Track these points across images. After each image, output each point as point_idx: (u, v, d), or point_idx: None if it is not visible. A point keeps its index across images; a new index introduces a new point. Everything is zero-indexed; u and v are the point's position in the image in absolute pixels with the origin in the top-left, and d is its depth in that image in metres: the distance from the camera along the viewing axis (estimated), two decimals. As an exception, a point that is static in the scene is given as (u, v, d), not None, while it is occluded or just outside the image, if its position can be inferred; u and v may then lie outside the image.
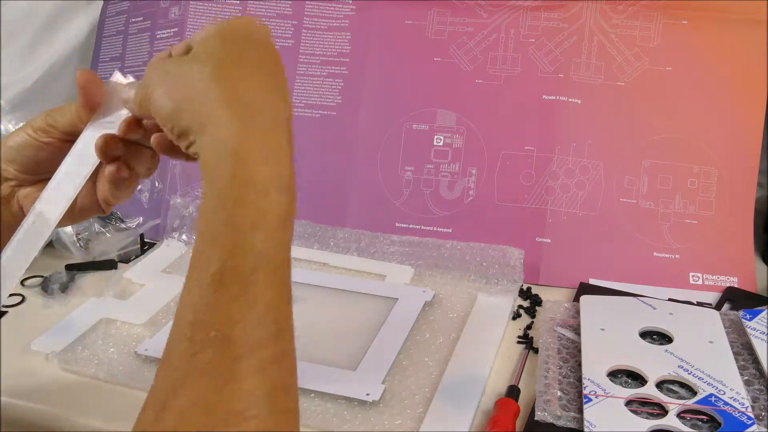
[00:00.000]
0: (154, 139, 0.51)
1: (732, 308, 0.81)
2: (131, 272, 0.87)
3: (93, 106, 0.52)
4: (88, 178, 0.52)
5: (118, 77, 0.52)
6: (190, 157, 0.47)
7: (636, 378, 0.65)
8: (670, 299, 0.82)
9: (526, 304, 0.82)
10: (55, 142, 0.54)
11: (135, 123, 0.51)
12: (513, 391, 0.65)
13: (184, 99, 0.44)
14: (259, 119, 0.43)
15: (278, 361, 0.39)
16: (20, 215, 0.54)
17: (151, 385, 0.39)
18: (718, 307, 0.81)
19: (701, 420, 0.60)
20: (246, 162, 0.41)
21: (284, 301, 0.41)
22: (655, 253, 0.88)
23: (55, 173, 0.52)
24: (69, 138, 0.53)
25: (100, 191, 0.54)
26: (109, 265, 0.89)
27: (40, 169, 0.55)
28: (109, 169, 0.52)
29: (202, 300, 0.39)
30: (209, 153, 0.42)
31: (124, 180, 0.53)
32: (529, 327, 0.77)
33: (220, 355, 0.37)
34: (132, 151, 0.53)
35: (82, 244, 0.90)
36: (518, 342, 0.75)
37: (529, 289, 0.84)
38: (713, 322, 0.72)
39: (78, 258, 0.89)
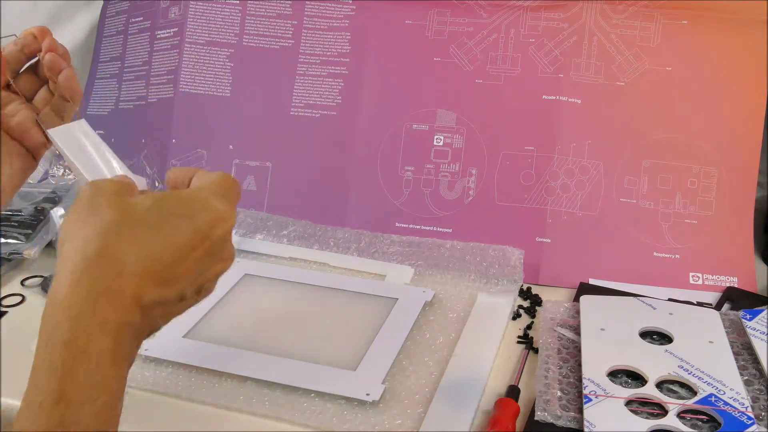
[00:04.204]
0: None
1: (732, 308, 0.81)
2: (131, 272, 0.87)
3: None
4: None
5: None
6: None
7: (636, 378, 0.65)
8: (670, 299, 0.81)
9: (526, 304, 0.82)
10: None
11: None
12: (513, 391, 0.65)
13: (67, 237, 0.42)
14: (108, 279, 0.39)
15: None
16: None
17: None
18: (718, 307, 0.81)
19: (701, 420, 0.60)
20: (78, 329, 0.38)
21: None
22: (655, 253, 0.88)
23: None
24: None
25: None
26: (109, 265, 0.89)
27: None
28: None
29: None
30: (46, 307, 0.39)
31: None
32: (529, 327, 0.77)
33: None
34: None
35: (82, 244, 0.90)
36: (518, 342, 0.75)
37: (529, 289, 0.84)
38: (713, 322, 0.72)
39: (78, 258, 0.89)
